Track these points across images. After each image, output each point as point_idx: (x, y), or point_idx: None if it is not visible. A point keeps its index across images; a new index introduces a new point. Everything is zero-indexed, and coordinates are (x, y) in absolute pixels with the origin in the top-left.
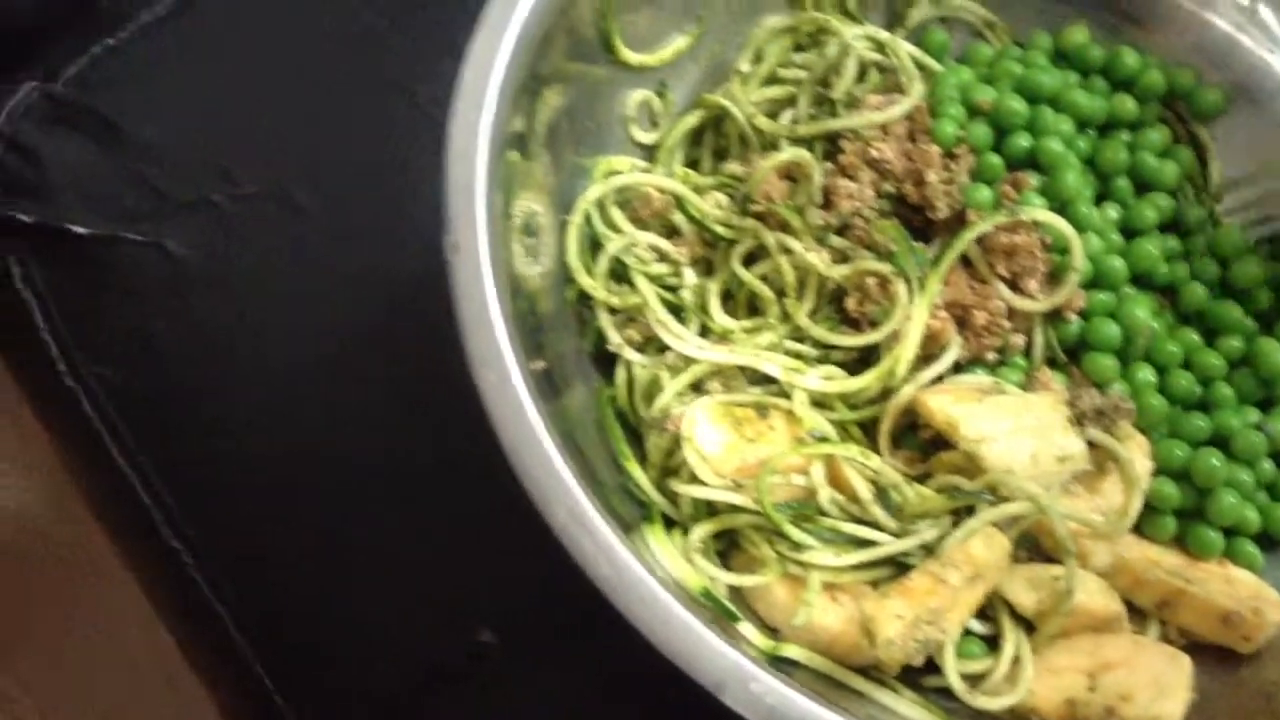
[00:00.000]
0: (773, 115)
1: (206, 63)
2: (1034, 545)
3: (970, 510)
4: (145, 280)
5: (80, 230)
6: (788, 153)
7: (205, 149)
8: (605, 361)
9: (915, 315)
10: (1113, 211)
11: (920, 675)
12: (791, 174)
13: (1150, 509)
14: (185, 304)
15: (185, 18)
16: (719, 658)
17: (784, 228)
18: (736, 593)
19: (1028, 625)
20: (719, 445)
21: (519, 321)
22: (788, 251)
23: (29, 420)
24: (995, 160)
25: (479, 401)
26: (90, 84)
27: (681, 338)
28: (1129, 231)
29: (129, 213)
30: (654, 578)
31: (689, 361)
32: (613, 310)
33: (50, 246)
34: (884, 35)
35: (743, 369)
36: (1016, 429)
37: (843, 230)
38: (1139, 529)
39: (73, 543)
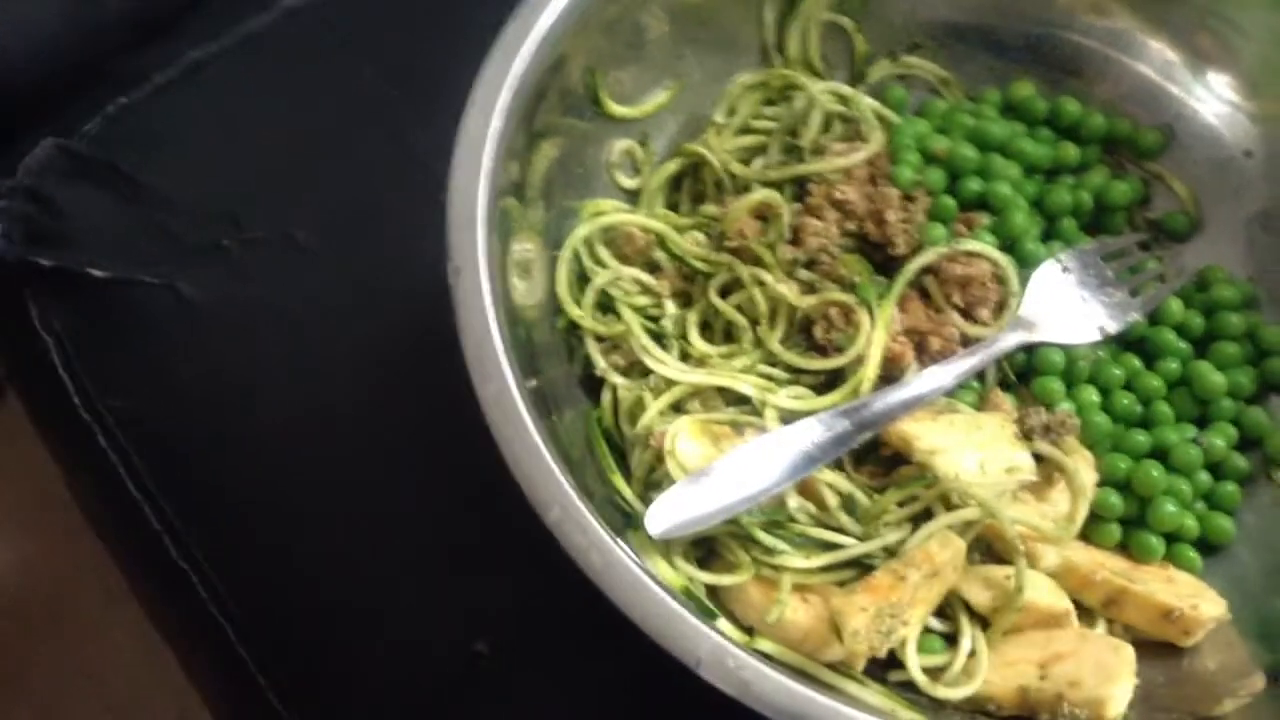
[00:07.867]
0: (745, 162)
1: (215, 120)
2: (988, 550)
3: (928, 516)
4: (159, 320)
5: (98, 274)
6: (760, 194)
7: (214, 198)
8: (592, 386)
9: (875, 339)
10: (1058, 247)
11: (885, 670)
12: (763, 214)
13: (1096, 517)
14: (197, 341)
15: (195, 80)
16: (698, 636)
17: (757, 262)
18: (713, 594)
19: (983, 622)
20: (698, 458)
21: (516, 345)
22: (760, 284)
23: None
24: (949, 201)
25: (478, 422)
26: (106, 139)
27: (663, 362)
28: None
29: (144, 257)
30: (638, 566)
31: (670, 383)
32: (599, 338)
33: (69, 290)
34: (847, 90)
35: (720, 390)
36: (966, 443)
37: (810, 264)
38: (1086, 536)
39: (63, 596)
